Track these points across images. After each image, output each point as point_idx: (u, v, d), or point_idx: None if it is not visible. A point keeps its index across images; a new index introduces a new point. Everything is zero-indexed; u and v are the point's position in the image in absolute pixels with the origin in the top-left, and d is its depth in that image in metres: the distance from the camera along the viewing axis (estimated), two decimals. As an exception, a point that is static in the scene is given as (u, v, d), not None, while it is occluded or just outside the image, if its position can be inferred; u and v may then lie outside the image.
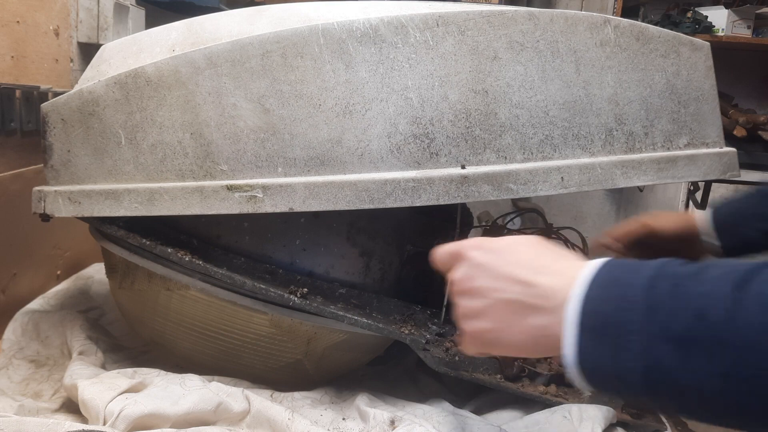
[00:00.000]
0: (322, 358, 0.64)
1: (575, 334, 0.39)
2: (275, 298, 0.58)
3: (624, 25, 0.58)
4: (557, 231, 0.81)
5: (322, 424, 0.57)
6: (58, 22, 0.94)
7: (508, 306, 0.43)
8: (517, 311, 0.43)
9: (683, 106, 0.60)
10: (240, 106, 0.55)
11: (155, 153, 0.57)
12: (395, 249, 0.69)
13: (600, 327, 0.38)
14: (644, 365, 0.36)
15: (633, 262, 0.41)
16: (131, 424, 0.53)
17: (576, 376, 0.40)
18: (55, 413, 0.61)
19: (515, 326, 0.43)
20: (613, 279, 0.40)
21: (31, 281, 0.84)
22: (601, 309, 0.39)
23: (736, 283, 0.35)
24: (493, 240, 0.46)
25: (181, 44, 0.58)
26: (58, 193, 0.61)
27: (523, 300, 0.43)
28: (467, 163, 0.54)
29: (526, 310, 0.43)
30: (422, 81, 0.53)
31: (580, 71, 0.56)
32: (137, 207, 0.57)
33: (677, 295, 0.36)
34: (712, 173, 0.61)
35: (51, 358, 0.72)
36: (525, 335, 0.43)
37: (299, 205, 0.54)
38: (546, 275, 0.43)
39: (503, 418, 0.65)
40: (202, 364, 0.65)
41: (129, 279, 0.65)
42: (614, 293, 0.39)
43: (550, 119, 0.55)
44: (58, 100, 0.61)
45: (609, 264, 0.41)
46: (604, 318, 0.38)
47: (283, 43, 0.53)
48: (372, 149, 0.53)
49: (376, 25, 0.53)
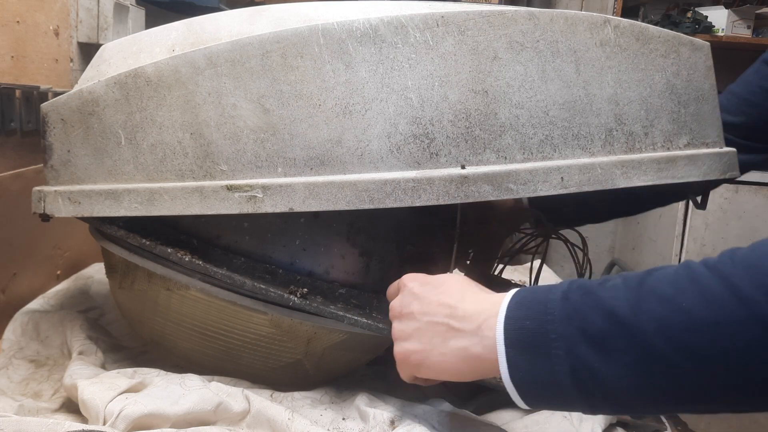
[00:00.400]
0: (322, 358, 0.64)
1: (503, 352, 0.44)
2: (275, 298, 0.58)
3: (624, 25, 0.58)
4: (557, 231, 0.81)
5: (322, 423, 0.57)
6: (58, 22, 0.94)
7: (434, 328, 0.49)
8: (441, 333, 0.48)
9: (683, 106, 0.60)
10: (240, 106, 0.55)
11: (155, 153, 0.57)
12: (395, 249, 0.69)
13: (525, 340, 0.43)
14: (570, 366, 0.41)
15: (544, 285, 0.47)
16: (131, 424, 0.53)
17: (513, 393, 0.44)
18: (55, 413, 0.61)
19: (440, 347, 0.48)
20: (530, 299, 0.45)
21: (30, 281, 0.85)
22: (524, 325, 0.43)
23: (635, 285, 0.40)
24: (431, 275, 0.53)
25: (181, 44, 0.58)
26: (57, 193, 0.61)
27: (447, 322, 0.48)
28: (467, 163, 0.54)
29: (449, 333, 0.48)
30: (422, 81, 0.53)
31: (580, 71, 0.56)
32: (137, 207, 0.57)
33: (588, 301, 0.41)
34: (711, 173, 0.61)
35: (51, 357, 0.72)
36: (449, 356, 0.47)
37: (299, 205, 0.54)
38: (469, 302, 0.48)
39: (503, 418, 0.65)
40: (202, 364, 0.65)
41: (129, 279, 0.65)
42: (533, 309, 0.43)
43: (550, 119, 0.55)
44: (58, 100, 0.61)
45: (523, 290, 0.46)
46: (527, 333, 0.43)
47: (283, 43, 0.54)
48: (372, 149, 0.53)
49: (376, 25, 0.53)
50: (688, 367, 0.37)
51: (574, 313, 0.41)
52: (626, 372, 0.39)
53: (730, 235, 1.93)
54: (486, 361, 0.45)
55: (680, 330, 0.37)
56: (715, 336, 0.36)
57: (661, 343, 0.38)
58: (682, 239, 1.95)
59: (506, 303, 0.45)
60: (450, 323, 0.48)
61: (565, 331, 0.41)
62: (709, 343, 0.36)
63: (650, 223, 2.17)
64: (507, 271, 0.87)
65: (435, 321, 0.49)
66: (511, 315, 0.44)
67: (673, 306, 0.38)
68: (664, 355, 0.38)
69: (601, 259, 2.41)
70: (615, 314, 0.40)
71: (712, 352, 0.36)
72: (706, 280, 0.38)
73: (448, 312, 0.48)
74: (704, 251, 1.94)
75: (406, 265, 0.70)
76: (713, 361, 0.36)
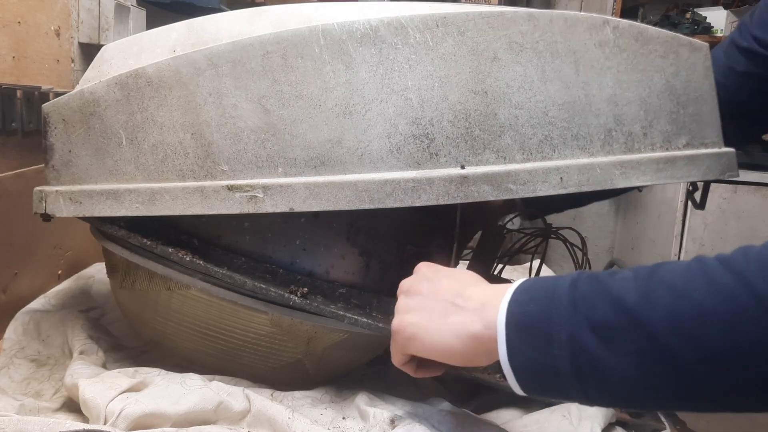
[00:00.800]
0: (322, 357, 0.64)
1: (503, 333, 0.43)
2: (276, 297, 0.58)
3: (623, 25, 0.58)
4: (557, 231, 0.82)
5: (322, 423, 0.58)
6: (59, 22, 0.94)
7: (437, 304, 0.49)
8: (443, 309, 0.48)
9: (682, 106, 0.60)
10: (240, 107, 0.55)
11: (156, 153, 0.57)
12: (395, 249, 0.69)
13: (527, 323, 0.43)
14: (571, 352, 0.40)
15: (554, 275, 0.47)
16: (132, 424, 0.53)
17: (510, 377, 0.44)
18: (56, 413, 0.61)
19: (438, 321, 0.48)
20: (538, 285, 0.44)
21: (32, 281, 0.85)
22: (528, 309, 0.43)
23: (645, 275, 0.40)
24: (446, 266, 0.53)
25: (181, 45, 0.58)
26: (59, 193, 0.61)
27: (452, 300, 0.48)
28: (467, 164, 0.54)
29: (450, 308, 0.48)
30: (422, 82, 0.54)
31: (580, 72, 0.56)
32: (138, 207, 0.58)
33: (597, 289, 0.41)
34: (711, 173, 0.61)
35: (52, 357, 0.72)
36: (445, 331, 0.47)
37: (299, 205, 0.54)
38: (478, 288, 0.48)
39: (503, 417, 0.65)
40: (203, 363, 0.65)
41: (130, 279, 0.65)
42: (540, 294, 0.43)
43: (550, 120, 0.56)
44: (60, 101, 0.61)
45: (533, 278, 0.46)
46: (530, 316, 0.43)
47: (283, 43, 0.54)
48: (372, 149, 0.54)
49: (376, 26, 0.53)
50: (693, 358, 0.36)
51: (581, 300, 0.41)
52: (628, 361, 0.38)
53: (729, 235, 1.93)
54: (483, 341, 0.44)
55: (689, 320, 0.37)
56: (724, 329, 0.36)
57: (668, 333, 0.37)
58: (681, 239, 1.95)
59: (513, 288, 0.45)
60: (455, 301, 0.48)
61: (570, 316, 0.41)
62: (717, 335, 0.36)
63: (649, 223, 2.17)
64: (507, 271, 0.88)
65: (440, 298, 0.49)
66: (515, 298, 0.44)
67: (683, 297, 0.37)
68: (668, 345, 0.37)
69: (601, 259, 2.41)
70: (622, 302, 0.39)
71: (720, 345, 0.36)
72: (718, 274, 0.37)
73: (455, 292, 0.48)
74: (703, 251, 1.94)
75: (406, 265, 0.71)
76: (720, 355, 0.36)
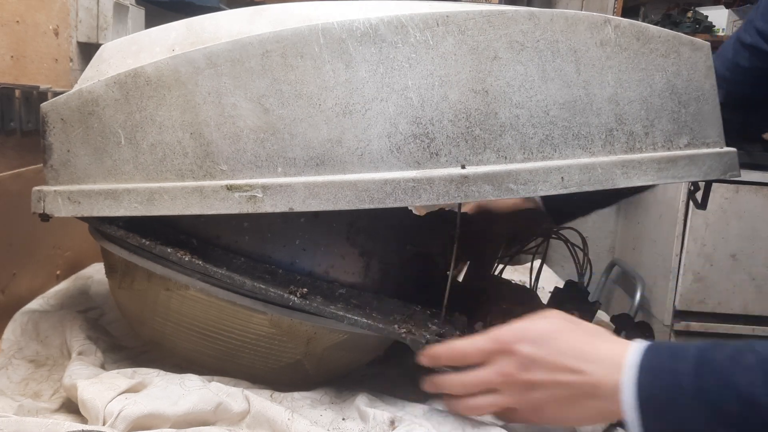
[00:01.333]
0: (322, 358, 0.64)
1: (637, 417, 0.46)
2: (275, 298, 0.58)
3: (624, 24, 0.58)
4: (557, 231, 0.81)
5: (322, 424, 0.57)
6: (58, 21, 0.94)
7: (565, 394, 0.50)
8: (574, 400, 0.50)
9: (683, 106, 0.60)
10: (240, 106, 0.54)
11: (155, 153, 0.57)
12: (395, 249, 0.69)
13: (659, 411, 0.45)
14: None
15: (672, 346, 0.48)
16: (131, 424, 0.53)
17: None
18: (55, 413, 0.60)
19: (574, 410, 0.51)
20: (660, 366, 0.47)
21: (30, 281, 0.84)
22: (656, 394, 0.46)
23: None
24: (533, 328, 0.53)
25: (180, 44, 0.58)
26: (57, 192, 0.61)
27: (578, 391, 0.50)
28: (467, 163, 0.54)
29: (581, 398, 0.50)
30: (422, 81, 0.53)
31: (581, 71, 0.56)
32: (137, 207, 0.57)
33: (725, 383, 0.43)
34: (712, 173, 0.61)
35: (50, 358, 0.72)
36: (584, 416, 0.51)
37: (299, 205, 0.54)
38: (593, 363, 0.50)
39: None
40: (202, 364, 0.65)
41: (128, 279, 0.65)
42: (666, 381, 0.46)
43: (551, 119, 0.55)
44: (58, 100, 0.61)
45: (651, 349, 0.48)
46: (660, 404, 0.45)
47: (283, 42, 0.53)
48: (372, 149, 0.53)
49: (376, 24, 0.53)
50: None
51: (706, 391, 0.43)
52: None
53: (731, 235, 1.93)
54: (618, 415, 0.48)
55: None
56: None
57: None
58: (682, 239, 1.95)
59: (635, 365, 0.47)
60: (581, 390, 0.50)
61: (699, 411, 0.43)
62: None
63: (650, 223, 2.17)
64: (507, 271, 0.87)
65: (565, 389, 0.50)
66: (643, 382, 0.47)
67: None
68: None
69: (601, 259, 2.40)
70: (757, 404, 0.41)
71: None
72: None
73: (576, 378, 0.50)
74: (705, 251, 1.94)
75: (406, 265, 0.70)
76: None
